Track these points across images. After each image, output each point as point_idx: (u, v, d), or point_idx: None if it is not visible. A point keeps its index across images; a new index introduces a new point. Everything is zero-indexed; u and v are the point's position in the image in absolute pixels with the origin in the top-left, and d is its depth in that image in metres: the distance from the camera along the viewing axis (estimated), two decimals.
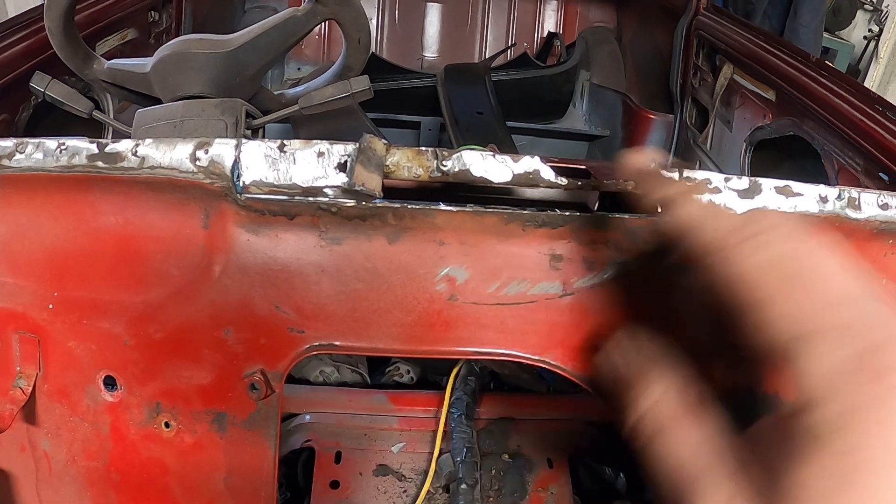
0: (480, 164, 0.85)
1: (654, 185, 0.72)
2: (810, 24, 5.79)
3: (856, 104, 2.39)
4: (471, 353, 0.97)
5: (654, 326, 0.85)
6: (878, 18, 8.42)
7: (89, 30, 2.61)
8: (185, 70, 1.87)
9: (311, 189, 0.86)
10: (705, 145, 3.63)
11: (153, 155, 0.89)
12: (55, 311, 1.01)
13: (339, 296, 0.93)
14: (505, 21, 4.79)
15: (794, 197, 0.98)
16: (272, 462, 1.03)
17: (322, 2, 1.87)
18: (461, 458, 1.46)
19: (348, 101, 1.90)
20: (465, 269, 0.92)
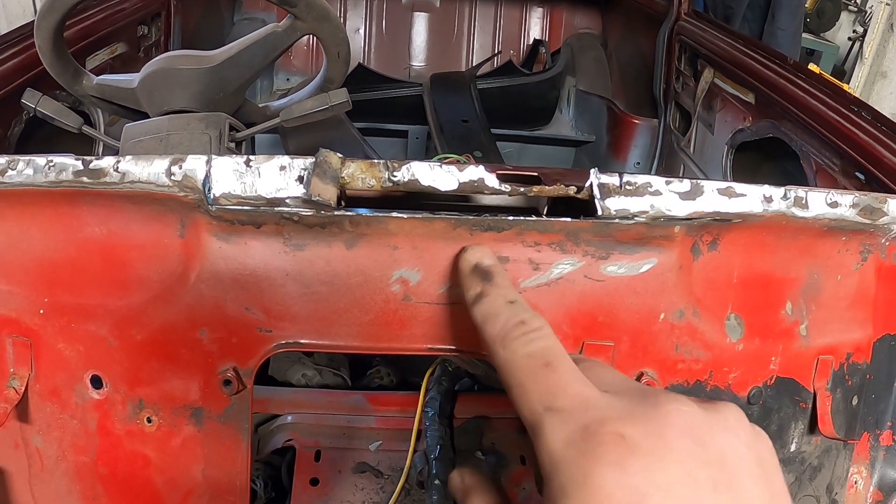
0: (428, 174, 0.92)
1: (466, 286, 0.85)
2: (788, 27, 5.82)
3: (832, 105, 2.41)
4: (425, 349, 1.02)
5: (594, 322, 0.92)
6: (863, 19, 8.45)
7: (79, 45, 2.64)
8: (171, 85, 1.92)
9: (274, 200, 0.93)
10: (688, 149, 3.64)
11: (133, 170, 0.95)
12: (46, 316, 1.07)
13: (303, 297, 0.99)
14: (491, 29, 4.81)
15: (736, 198, 1.03)
16: (245, 453, 1.09)
17: (301, 18, 1.91)
18: (435, 455, 1.50)
19: (327, 113, 1.95)
20: (417, 272, 0.98)
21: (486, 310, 0.77)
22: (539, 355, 0.68)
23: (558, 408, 0.62)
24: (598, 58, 4.70)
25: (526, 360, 0.68)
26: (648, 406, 0.61)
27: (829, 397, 1.26)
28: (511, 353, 0.70)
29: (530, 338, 0.70)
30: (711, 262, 1.10)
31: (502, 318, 0.74)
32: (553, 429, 0.61)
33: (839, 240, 1.18)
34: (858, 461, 1.39)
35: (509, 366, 0.69)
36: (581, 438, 0.58)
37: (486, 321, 0.76)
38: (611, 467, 0.55)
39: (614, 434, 0.57)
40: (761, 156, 3.06)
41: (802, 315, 1.20)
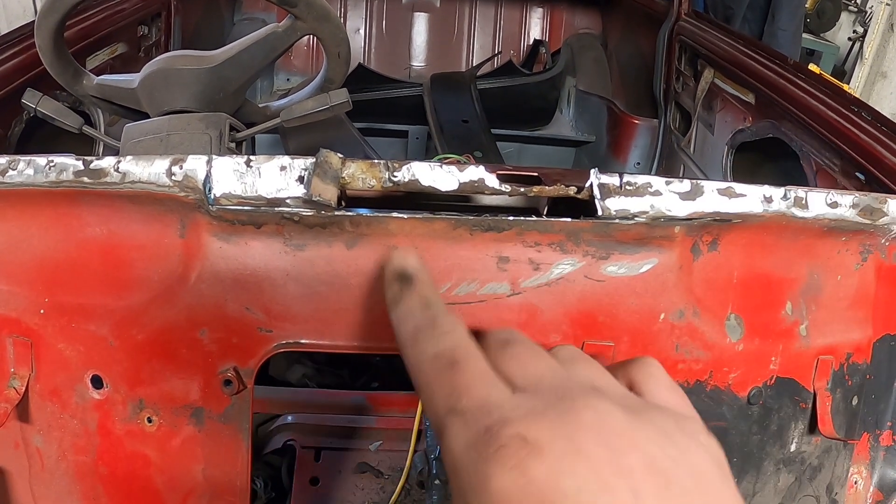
0: (429, 175, 0.92)
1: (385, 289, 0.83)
2: (788, 27, 5.82)
3: (832, 105, 2.41)
4: None
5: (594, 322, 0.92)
6: (863, 19, 8.45)
7: (80, 45, 2.65)
8: (171, 85, 1.92)
9: (274, 200, 0.93)
10: (688, 149, 3.64)
11: (133, 170, 0.96)
12: (46, 316, 1.08)
13: (304, 297, 0.99)
14: (491, 29, 4.82)
15: (736, 198, 1.03)
16: (246, 453, 1.09)
17: (301, 18, 1.91)
18: (435, 455, 1.50)
19: (327, 113, 1.95)
20: None
21: (401, 312, 0.76)
22: (446, 355, 0.66)
23: (461, 409, 0.60)
24: (598, 58, 4.70)
25: (432, 360, 0.66)
26: (561, 406, 0.57)
27: (829, 397, 1.26)
28: (419, 352, 0.68)
29: (438, 336, 0.68)
30: (711, 262, 1.10)
31: (414, 319, 0.73)
32: (455, 431, 0.59)
33: (839, 240, 1.18)
34: (858, 461, 1.39)
35: (417, 366, 0.68)
36: (481, 441, 0.56)
37: (399, 323, 0.75)
38: (511, 472, 0.52)
39: (516, 436, 0.54)
40: (761, 156, 3.06)
41: (802, 315, 1.20)
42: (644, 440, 0.56)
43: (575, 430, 0.54)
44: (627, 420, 0.57)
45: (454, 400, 0.61)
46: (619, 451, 0.54)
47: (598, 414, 0.56)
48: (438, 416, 0.62)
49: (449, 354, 0.65)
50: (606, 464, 0.52)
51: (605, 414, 0.57)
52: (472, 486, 0.54)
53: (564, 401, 0.58)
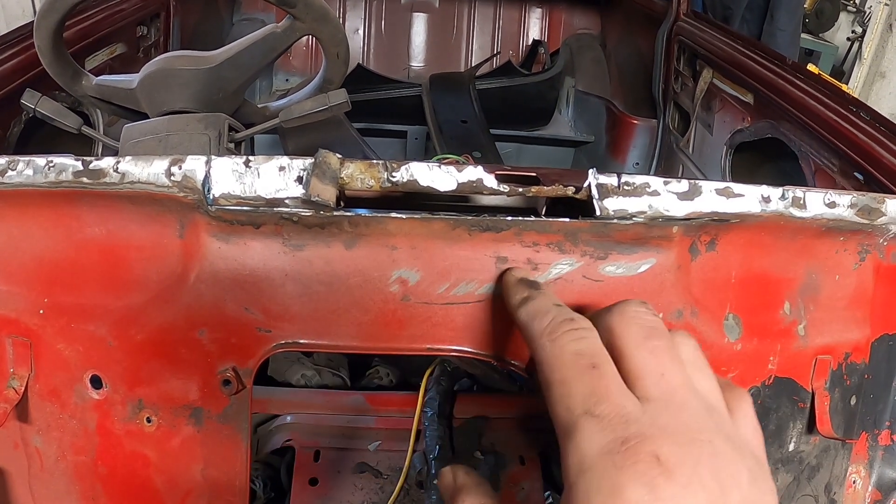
0: (427, 175, 0.92)
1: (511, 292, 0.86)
2: (787, 27, 5.83)
3: (831, 106, 2.42)
4: (424, 349, 1.02)
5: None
6: (861, 20, 8.46)
7: (79, 45, 2.65)
8: (170, 86, 1.92)
9: (273, 200, 0.93)
10: (687, 149, 3.65)
11: (132, 171, 0.96)
12: (45, 316, 1.08)
13: (302, 297, 0.99)
14: (490, 30, 4.82)
15: (735, 198, 1.03)
16: (245, 453, 1.09)
17: (300, 18, 1.92)
18: (434, 455, 1.51)
19: (326, 113, 1.95)
20: (416, 272, 0.98)
21: (534, 308, 0.78)
22: (587, 355, 0.67)
23: (599, 413, 0.62)
24: (597, 58, 4.71)
25: (573, 357, 0.68)
26: (689, 434, 0.61)
27: (828, 397, 1.26)
28: (559, 347, 0.69)
29: (580, 335, 0.70)
30: (709, 262, 1.10)
31: (551, 314, 0.74)
32: (590, 434, 0.60)
33: (837, 240, 1.18)
34: (857, 461, 1.39)
35: (554, 360, 0.69)
36: (617, 451, 0.58)
37: (532, 318, 0.76)
38: (643, 488, 0.55)
39: (652, 455, 0.57)
40: (760, 156, 3.06)
41: (801, 315, 1.20)
42: (742, 481, 0.59)
43: (698, 459, 0.58)
44: (732, 459, 0.60)
45: (593, 403, 0.63)
46: (726, 489, 0.58)
47: (715, 449, 0.60)
48: (573, 414, 0.63)
49: (590, 355, 0.67)
50: (716, 498, 0.57)
51: (721, 451, 0.60)
52: (602, 491, 0.57)
53: (691, 429, 0.61)
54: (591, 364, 0.66)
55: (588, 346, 0.68)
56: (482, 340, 1.02)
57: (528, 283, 0.85)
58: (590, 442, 0.60)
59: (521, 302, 0.81)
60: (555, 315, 0.73)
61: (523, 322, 0.78)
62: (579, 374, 0.66)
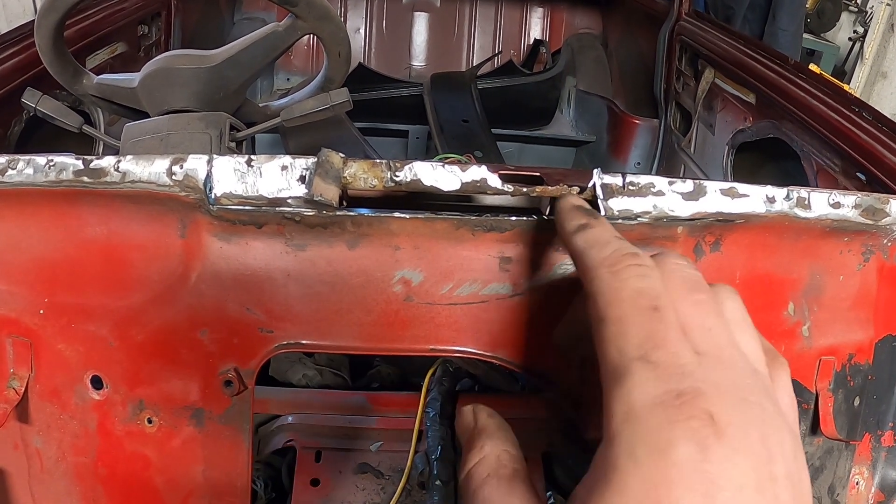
0: (431, 174, 0.92)
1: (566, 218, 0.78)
2: (789, 27, 5.83)
3: (833, 106, 2.41)
4: (427, 350, 1.02)
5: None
6: (863, 20, 8.46)
7: (80, 44, 2.65)
8: (171, 85, 1.92)
9: (275, 200, 0.92)
10: (689, 149, 3.65)
11: (133, 170, 0.95)
12: (46, 316, 1.07)
13: (305, 298, 0.99)
14: (491, 29, 4.82)
15: (739, 198, 1.03)
16: (246, 454, 1.08)
17: (302, 17, 1.91)
18: (436, 455, 1.50)
19: (328, 112, 1.95)
20: (419, 272, 0.98)
21: (593, 237, 0.71)
22: (650, 295, 0.61)
23: (655, 360, 0.56)
24: (598, 58, 4.71)
25: (635, 294, 0.61)
26: (740, 393, 0.56)
27: (832, 398, 1.26)
28: (620, 281, 0.63)
29: (644, 272, 0.64)
30: (714, 262, 1.09)
31: (613, 245, 0.68)
32: (642, 381, 0.55)
33: (841, 240, 1.18)
34: (860, 462, 1.38)
35: (613, 294, 0.62)
36: (671, 403, 0.53)
37: (591, 246, 0.69)
38: (693, 447, 0.51)
39: (706, 412, 0.53)
40: (762, 156, 3.06)
41: (805, 316, 1.20)
42: (787, 451, 0.56)
43: (749, 422, 0.54)
44: (780, 427, 0.56)
45: (650, 348, 0.58)
46: (773, 457, 0.54)
47: (765, 413, 0.56)
48: (626, 356, 0.58)
49: (653, 296, 0.61)
50: (764, 465, 0.53)
51: (769, 416, 0.56)
52: (650, 444, 0.52)
53: (742, 389, 0.56)
54: (653, 306, 0.60)
55: (651, 285, 0.62)
56: (486, 341, 1.01)
57: (586, 211, 0.78)
58: (641, 389, 0.55)
59: (579, 228, 0.74)
60: (618, 247, 0.67)
61: (579, 249, 0.71)
62: (639, 315, 0.60)
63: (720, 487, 0.50)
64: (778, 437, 0.55)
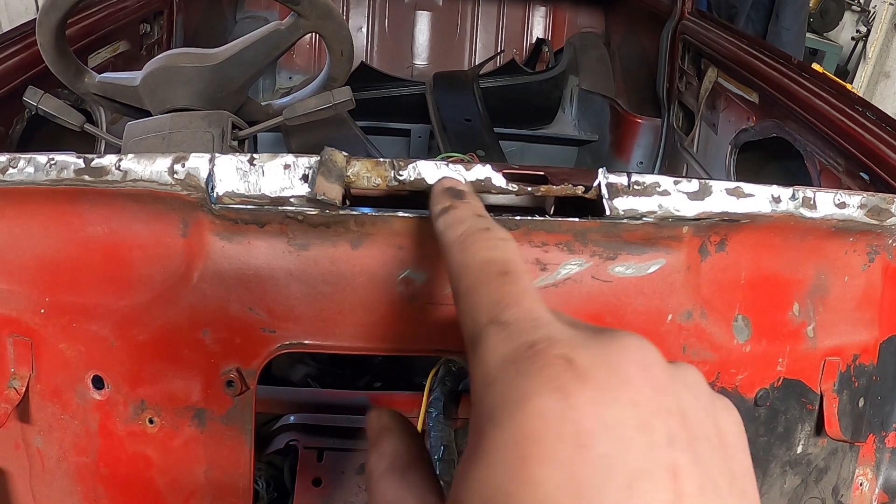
0: (435, 173, 0.91)
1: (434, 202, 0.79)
2: (792, 26, 5.81)
3: (836, 105, 2.40)
4: (431, 350, 1.01)
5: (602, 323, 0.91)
6: (866, 19, 8.45)
7: (82, 42, 2.64)
8: (173, 83, 1.91)
9: (278, 199, 0.92)
10: (692, 148, 3.64)
11: (135, 168, 0.95)
12: (47, 316, 1.07)
13: (307, 298, 0.98)
14: (494, 28, 4.81)
15: (745, 198, 1.02)
16: (248, 454, 1.08)
17: (304, 16, 1.91)
18: (438, 455, 1.50)
19: (331, 111, 1.95)
20: (423, 272, 0.97)
21: (451, 218, 0.72)
22: (498, 262, 0.62)
23: (505, 320, 0.55)
24: (601, 57, 4.69)
25: (483, 265, 0.62)
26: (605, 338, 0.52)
27: (836, 399, 1.25)
28: (469, 256, 0.64)
29: (493, 244, 0.65)
30: (719, 262, 1.09)
31: (467, 224, 0.69)
32: (495, 342, 0.54)
33: (846, 241, 1.17)
34: (864, 463, 1.38)
35: (463, 269, 0.63)
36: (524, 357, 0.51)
37: (448, 228, 0.71)
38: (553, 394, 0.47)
39: (562, 357, 0.49)
40: (765, 156, 3.05)
41: (810, 316, 1.19)
42: (681, 387, 0.52)
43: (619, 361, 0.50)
44: (667, 366, 0.53)
45: (500, 310, 0.56)
46: (660, 392, 0.50)
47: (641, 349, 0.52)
48: (478, 324, 0.56)
49: (501, 262, 0.62)
50: (647, 402, 0.48)
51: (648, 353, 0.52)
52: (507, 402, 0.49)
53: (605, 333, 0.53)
54: (503, 271, 0.60)
55: (501, 254, 0.63)
56: None
57: (451, 192, 0.78)
58: (493, 351, 0.53)
59: (441, 212, 0.75)
60: (471, 224, 0.68)
61: (438, 232, 0.72)
62: (487, 281, 0.60)
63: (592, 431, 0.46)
64: (669, 371, 0.52)
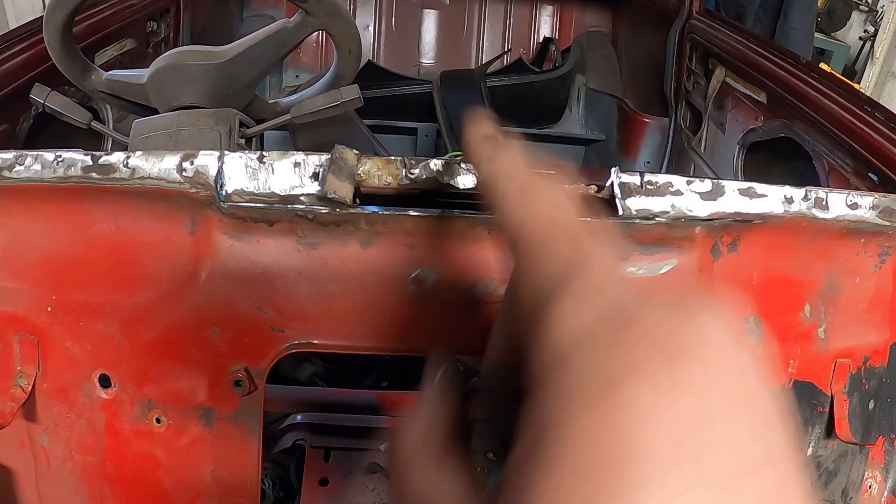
0: (447, 172, 0.91)
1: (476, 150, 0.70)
2: (801, 26, 5.80)
3: (845, 105, 2.39)
4: (441, 350, 1.01)
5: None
6: (874, 19, 8.42)
7: (88, 40, 2.64)
8: (180, 81, 1.91)
9: (288, 197, 0.91)
10: (699, 148, 3.63)
11: (143, 166, 0.94)
12: (53, 314, 1.06)
13: (317, 297, 0.98)
14: (501, 27, 4.80)
15: (757, 198, 1.02)
16: (256, 455, 1.07)
17: (312, 13, 1.90)
18: None
19: (339, 109, 1.94)
20: (433, 271, 0.97)
21: (502, 167, 0.64)
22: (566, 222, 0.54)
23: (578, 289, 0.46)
24: (608, 56, 4.69)
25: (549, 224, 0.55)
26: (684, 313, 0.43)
27: (847, 401, 1.24)
28: (530, 212, 0.56)
29: (557, 199, 0.57)
30: (731, 263, 1.08)
31: (522, 177, 0.61)
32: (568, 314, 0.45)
33: (858, 242, 1.17)
34: (873, 465, 1.37)
35: (523, 226, 0.56)
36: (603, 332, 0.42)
37: (499, 177, 0.62)
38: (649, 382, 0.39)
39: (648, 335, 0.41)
40: (773, 156, 3.04)
41: (821, 318, 1.18)
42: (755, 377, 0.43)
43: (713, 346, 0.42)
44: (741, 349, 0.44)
45: (570, 276, 0.48)
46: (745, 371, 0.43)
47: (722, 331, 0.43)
48: (543, 290, 0.48)
49: (569, 222, 0.54)
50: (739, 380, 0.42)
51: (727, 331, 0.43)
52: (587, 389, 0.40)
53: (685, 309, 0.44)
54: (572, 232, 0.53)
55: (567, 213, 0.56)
56: None
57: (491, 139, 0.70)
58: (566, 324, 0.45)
59: (487, 159, 0.67)
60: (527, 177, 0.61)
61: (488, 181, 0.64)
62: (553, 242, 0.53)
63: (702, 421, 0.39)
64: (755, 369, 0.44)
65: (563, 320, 0.45)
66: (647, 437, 0.38)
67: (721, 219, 1.00)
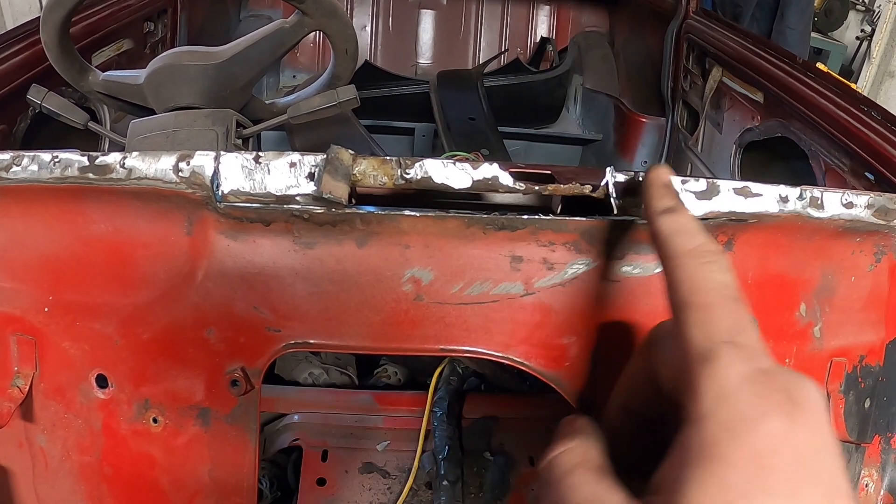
0: (441, 172, 0.91)
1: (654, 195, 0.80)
2: (797, 26, 5.81)
3: (841, 105, 2.40)
4: (437, 350, 1.01)
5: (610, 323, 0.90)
6: (871, 19, 8.43)
7: (86, 41, 2.64)
8: (177, 81, 1.91)
9: (284, 197, 0.91)
10: (696, 148, 3.63)
11: (139, 166, 0.94)
12: (50, 314, 1.06)
13: (313, 297, 0.98)
14: (498, 27, 4.81)
15: (753, 198, 1.02)
16: (253, 454, 1.08)
17: (309, 14, 1.91)
18: (443, 455, 1.50)
19: (335, 109, 1.94)
20: (429, 271, 0.97)
21: (680, 224, 0.75)
22: (733, 287, 0.66)
23: (741, 343, 0.61)
24: (605, 56, 4.70)
25: (721, 285, 0.66)
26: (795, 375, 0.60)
27: (843, 400, 1.25)
28: (707, 272, 0.68)
29: (726, 266, 0.69)
30: None
31: (700, 237, 0.72)
32: (732, 361, 0.59)
33: (853, 241, 1.17)
34: (869, 464, 1.37)
35: (700, 283, 0.67)
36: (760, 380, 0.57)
37: (677, 234, 0.73)
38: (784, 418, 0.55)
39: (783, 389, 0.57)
40: (769, 155, 3.05)
41: (816, 317, 1.18)
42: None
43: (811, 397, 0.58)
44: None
45: (736, 332, 0.62)
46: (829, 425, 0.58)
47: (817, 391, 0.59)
48: (713, 341, 0.62)
49: (735, 288, 0.66)
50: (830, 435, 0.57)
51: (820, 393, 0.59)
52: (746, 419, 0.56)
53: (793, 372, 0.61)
54: (736, 297, 0.65)
55: (733, 280, 0.68)
56: (496, 341, 1.00)
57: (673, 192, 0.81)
58: (731, 369, 0.59)
59: (665, 210, 0.77)
60: (705, 240, 0.72)
61: (662, 233, 0.75)
62: (725, 304, 0.65)
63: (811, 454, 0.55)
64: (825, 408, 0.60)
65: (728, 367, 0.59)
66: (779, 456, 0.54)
67: (716, 218, 1.00)
